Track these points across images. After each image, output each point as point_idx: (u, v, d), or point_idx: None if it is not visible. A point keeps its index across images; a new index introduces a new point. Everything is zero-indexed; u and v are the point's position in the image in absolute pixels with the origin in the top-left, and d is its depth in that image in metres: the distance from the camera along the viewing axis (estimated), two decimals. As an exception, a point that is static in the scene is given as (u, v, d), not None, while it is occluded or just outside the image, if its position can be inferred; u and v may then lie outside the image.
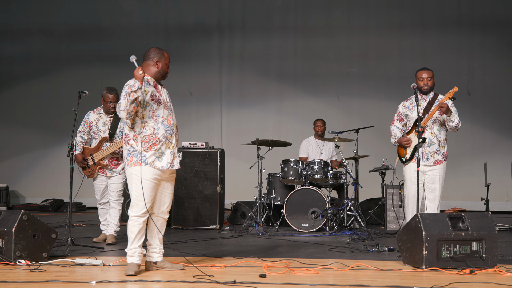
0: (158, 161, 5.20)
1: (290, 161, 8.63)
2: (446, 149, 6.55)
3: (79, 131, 7.19)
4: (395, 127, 6.68)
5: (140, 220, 5.20)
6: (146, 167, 5.17)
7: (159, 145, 5.20)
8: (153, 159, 5.19)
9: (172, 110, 5.36)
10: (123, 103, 5.04)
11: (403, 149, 6.61)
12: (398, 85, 11.26)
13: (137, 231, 5.19)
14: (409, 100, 6.64)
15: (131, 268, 5.16)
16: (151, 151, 5.19)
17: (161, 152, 5.21)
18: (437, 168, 6.46)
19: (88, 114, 7.20)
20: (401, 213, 7.42)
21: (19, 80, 12.84)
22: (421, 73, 6.52)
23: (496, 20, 11.78)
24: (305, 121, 10.37)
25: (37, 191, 12.46)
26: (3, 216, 5.78)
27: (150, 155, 5.18)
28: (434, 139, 6.44)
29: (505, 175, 10.14)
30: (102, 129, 7.10)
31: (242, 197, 10.00)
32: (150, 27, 12.59)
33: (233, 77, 12.42)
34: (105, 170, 7.10)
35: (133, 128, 5.20)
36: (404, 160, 6.59)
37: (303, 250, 6.70)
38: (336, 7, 12.18)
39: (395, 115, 6.72)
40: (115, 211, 7.14)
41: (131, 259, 5.21)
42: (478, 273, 5.22)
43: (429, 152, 6.45)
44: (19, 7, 12.75)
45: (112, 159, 7.09)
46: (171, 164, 5.27)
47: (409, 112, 6.58)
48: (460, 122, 6.42)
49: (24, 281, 4.90)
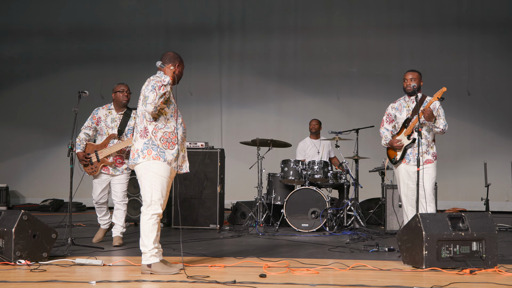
0: (174, 161, 5.24)
1: (290, 161, 8.63)
2: (435, 149, 6.54)
3: (85, 126, 7.02)
4: (385, 129, 6.68)
5: (158, 218, 5.23)
6: (164, 164, 5.17)
7: (177, 145, 5.24)
8: (171, 158, 5.21)
9: (180, 115, 5.38)
10: (151, 97, 5.03)
11: (393, 150, 6.60)
12: (398, 85, 11.13)
13: (157, 229, 5.21)
14: (398, 101, 6.66)
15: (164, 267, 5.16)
16: (169, 149, 5.20)
17: (178, 153, 5.24)
18: (428, 167, 6.43)
19: (97, 110, 7.07)
20: (401, 213, 7.42)
21: (19, 80, 12.85)
22: (406, 74, 6.54)
23: (496, 20, 11.78)
24: (305, 121, 10.35)
25: (37, 191, 12.47)
26: (3, 216, 5.78)
27: (168, 153, 5.20)
28: (423, 139, 6.43)
29: (505, 175, 10.14)
30: (111, 125, 6.94)
31: (242, 197, 10.00)
32: (150, 27, 12.59)
33: (233, 77, 12.43)
34: (108, 168, 6.99)
35: (156, 123, 5.19)
36: (394, 161, 6.59)
37: (303, 250, 6.70)
38: (336, 7, 12.19)
39: (384, 117, 6.71)
40: (120, 212, 7.03)
41: (155, 259, 5.18)
42: (478, 273, 5.22)
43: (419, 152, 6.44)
44: (19, 7, 12.75)
45: (117, 157, 6.96)
46: (180, 167, 5.33)
47: (398, 113, 6.59)
48: (446, 125, 6.40)
49: (24, 281, 4.90)
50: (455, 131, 10.73)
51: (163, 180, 5.19)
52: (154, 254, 5.19)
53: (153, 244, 5.18)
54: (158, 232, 5.22)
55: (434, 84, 6.73)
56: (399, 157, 6.52)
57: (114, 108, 7.03)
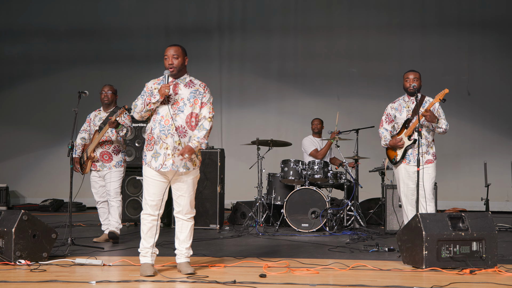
0: (154, 161, 5.15)
1: (290, 161, 8.63)
2: (434, 149, 6.54)
3: (81, 130, 7.29)
4: (384, 130, 6.67)
5: (149, 219, 5.18)
6: (145, 166, 5.20)
7: (154, 145, 5.14)
8: (150, 159, 5.16)
9: (183, 110, 5.14)
10: (139, 107, 5.12)
11: (393, 151, 6.60)
12: (398, 85, 11.13)
13: (145, 229, 5.19)
14: (397, 101, 6.66)
15: (143, 268, 5.15)
16: (149, 151, 5.18)
17: (156, 152, 5.14)
18: (429, 167, 6.44)
19: (90, 114, 7.37)
20: (401, 213, 7.42)
21: (19, 80, 12.84)
22: (407, 74, 6.53)
23: (496, 20, 11.78)
24: (305, 121, 10.36)
25: (37, 191, 12.46)
26: (3, 216, 5.78)
27: (148, 154, 5.18)
28: (423, 140, 6.44)
29: (505, 175, 10.13)
30: (97, 124, 7.19)
31: (242, 197, 10.00)
32: (150, 27, 12.59)
33: (233, 77, 12.43)
34: (96, 164, 7.12)
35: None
36: (395, 162, 6.58)
37: (303, 250, 6.70)
38: (336, 7, 12.19)
39: (383, 117, 6.70)
40: (113, 209, 7.12)
41: (143, 259, 5.20)
42: (478, 273, 5.22)
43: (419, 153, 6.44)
44: (19, 7, 12.75)
45: (103, 152, 7.11)
46: (162, 165, 5.10)
47: (397, 113, 6.58)
48: (447, 126, 6.42)
49: (24, 281, 4.90)
50: (455, 131, 10.72)
51: (147, 181, 5.17)
52: (143, 254, 5.20)
53: (141, 244, 5.20)
54: (149, 232, 5.17)
55: (434, 84, 6.73)
56: (400, 158, 6.52)
57: (102, 108, 7.33)
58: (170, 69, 5.17)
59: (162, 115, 5.14)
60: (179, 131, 5.11)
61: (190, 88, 5.24)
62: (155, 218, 5.20)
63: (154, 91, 5.16)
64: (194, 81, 5.32)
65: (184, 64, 5.25)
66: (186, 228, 5.31)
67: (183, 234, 5.31)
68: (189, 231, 5.31)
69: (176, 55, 5.18)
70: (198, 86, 5.28)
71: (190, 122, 5.16)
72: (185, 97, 5.19)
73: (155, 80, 5.28)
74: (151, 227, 5.19)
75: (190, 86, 5.25)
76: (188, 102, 5.18)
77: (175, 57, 5.18)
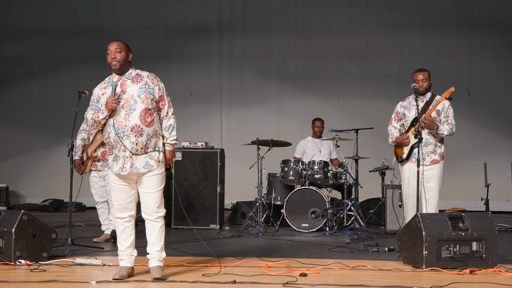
0: (115, 165, 4.98)
1: (290, 161, 8.63)
2: (443, 148, 6.54)
3: (80, 130, 7.25)
4: (393, 127, 6.68)
5: (119, 222, 5.10)
6: (109, 171, 5.09)
7: (113, 149, 4.99)
8: (112, 163, 5.02)
9: (134, 108, 4.91)
10: (90, 121, 5.01)
11: (400, 149, 6.61)
12: (398, 85, 11.26)
13: (119, 232, 5.12)
14: (407, 100, 6.65)
15: (119, 271, 5.10)
16: (109, 155, 5.05)
17: (116, 156, 4.97)
18: (434, 168, 6.45)
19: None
20: (401, 213, 7.42)
21: (19, 80, 12.84)
22: (416, 75, 6.51)
23: (496, 20, 11.78)
24: (305, 121, 10.36)
25: (37, 191, 12.46)
26: (3, 216, 5.78)
27: (110, 159, 5.05)
28: (430, 139, 6.44)
29: (505, 175, 10.13)
30: None
31: (242, 197, 10.00)
32: (150, 27, 12.58)
33: (233, 77, 12.42)
34: (96, 164, 7.10)
35: None
36: (401, 160, 6.59)
37: (303, 250, 6.70)
38: (336, 7, 12.18)
39: (393, 115, 6.72)
40: (113, 209, 7.11)
41: (120, 262, 5.17)
42: (478, 273, 5.22)
43: (425, 152, 6.44)
44: (19, 7, 12.75)
45: (104, 152, 7.06)
46: (122, 168, 4.92)
47: (407, 111, 6.58)
48: (453, 128, 6.43)
49: (24, 281, 4.90)
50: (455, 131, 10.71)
51: (112, 186, 5.09)
52: (120, 257, 5.14)
53: (118, 248, 5.14)
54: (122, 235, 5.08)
55: (434, 84, 6.71)
56: (406, 156, 6.52)
57: None
58: (113, 63, 4.97)
59: (115, 118, 4.93)
60: (134, 130, 4.89)
61: (139, 83, 5.01)
62: (126, 220, 5.07)
63: (102, 100, 4.97)
64: (141, 74, 5.10)
65: (128, 59, 5.06)
66: (154, 230, 5.06)
67: (152, 237, 5.07)
68: (158, 232, 5.06)
69: (119, 49, 5.02)
70: (146, 78, 5.06)
71: (145, 118, 4.93)
72: (135, 93, 4.96)
73: (102, 85, 5.08)
74: (123, 229, 5.09)
75: (138, 80, 5.03)
76: (139, 98, 4.94)
77: (118, 51, 5.01)
